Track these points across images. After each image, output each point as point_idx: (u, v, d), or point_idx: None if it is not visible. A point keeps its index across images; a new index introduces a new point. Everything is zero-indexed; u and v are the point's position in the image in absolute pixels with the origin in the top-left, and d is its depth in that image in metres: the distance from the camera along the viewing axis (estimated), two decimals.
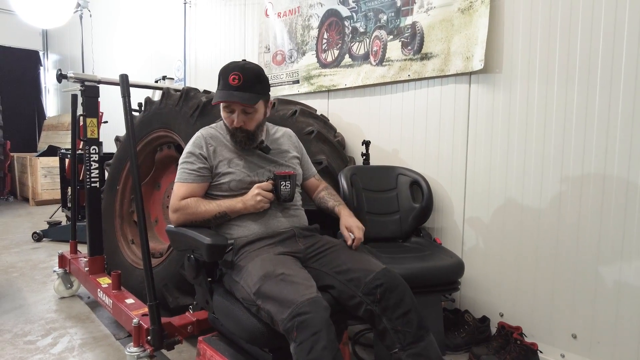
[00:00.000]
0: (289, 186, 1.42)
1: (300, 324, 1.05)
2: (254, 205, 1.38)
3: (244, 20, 3.38)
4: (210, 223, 1.42)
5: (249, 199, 1.38)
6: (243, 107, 1.40)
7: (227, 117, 1.45)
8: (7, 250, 3.59)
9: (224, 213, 1.39)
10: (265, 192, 1.38)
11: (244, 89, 1.37)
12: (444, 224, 2.20)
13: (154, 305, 1.58)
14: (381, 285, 1.22)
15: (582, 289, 1.75)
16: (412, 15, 2.23)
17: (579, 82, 1.72)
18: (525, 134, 1.89)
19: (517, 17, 1.88)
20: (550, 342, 1.85)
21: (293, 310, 1.07)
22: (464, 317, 2.00)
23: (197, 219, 1.39)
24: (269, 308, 1.14)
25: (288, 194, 1.43)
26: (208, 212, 1.39)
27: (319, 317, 1.06)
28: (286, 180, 1.42)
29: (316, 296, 1.12)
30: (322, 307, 1.09)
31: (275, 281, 1.19)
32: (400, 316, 1.20)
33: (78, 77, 2.10)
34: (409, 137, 2.32)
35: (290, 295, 1.12)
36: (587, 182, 1.72)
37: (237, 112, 1.41)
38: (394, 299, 1.21)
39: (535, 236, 1.88)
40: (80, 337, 2.04)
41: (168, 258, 2.05)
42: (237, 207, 1.39)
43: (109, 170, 2.58)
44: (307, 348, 1.03)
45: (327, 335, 1.05)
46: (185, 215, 1.40)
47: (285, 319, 1.08)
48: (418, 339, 1.19)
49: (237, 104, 1.39)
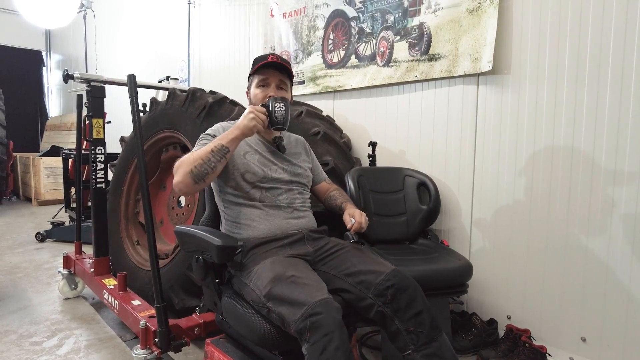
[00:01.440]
0: (284, 108, 1.36)
1: (312, 325, 1.04)
2: (246, 125, 1.32)
3: (249, 20, 3.38)
4: (211, 164, 1.29)
5: (241, 120, 1.33)
6: (279, 81, 1.47)
7: (260, 93, 1.47)
8: (11, 250, 3.58)
9: (220, 145, 1.30)
10: (258, 113, 1.33)
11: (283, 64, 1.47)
12: (451, 226, 2.19)
13: (161, 307, 1.57)
14: (392, 286, 1.21)
15: (592, 292, 1.74)
16: (419, 16, 2.22)
17: (589, 83, 1.71)
18: (534, 135, 1.88)
19: (527, 18, 1.87)
20: (559, 346, 1.84)
21: (305, 311, 1.06)
22: (471, 320, 1.99)
23: (195, 163, 1.28)
24: (280, 310, 1.14)
25: (282, 116, 1.35)
26: (203, 150, 1.30)
27: (331, 318, 1.05)
28: (280, 102, 1.36)
29: (328, 297, 1.11)
30: (334, 308, 1.09)
31: (286, 283, 1.18)
32: (413, 317, 1.19)
33: (84, 77, 2.09)
34: (415, 138, 2.31)
35: (302, 297, 1.11)
36: (596, 183, 1.71)
37: (272, 85, 1.46)
38: (406, 299, 1.20)
39: (544, 238, 1.86)
40: (85, 339, 2.04)
41: (174, 259, 2.04)
42: (230, 134, 1.32)
43: (114, 170, 2.57)
44: (320, 348, 1.02)
45: (339, 335, 1.04)
46: (184, 167, 1.29)
47: (297, 320, 1.07)
48: (431, 339, 1.18)
49: (276, 74, 1.45)
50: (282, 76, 1.48)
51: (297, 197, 1.49)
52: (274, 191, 1.44)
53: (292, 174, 1.50)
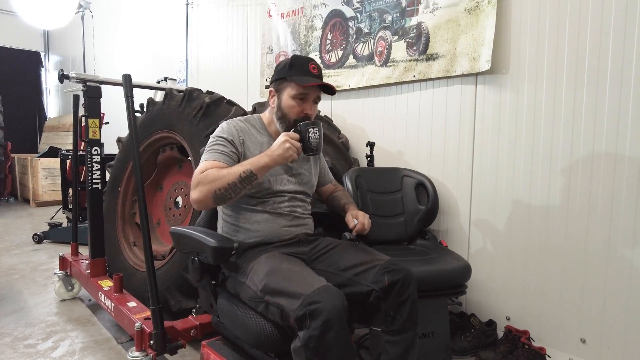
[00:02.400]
0: (317, 133, 1.29)
1: (312, 312, 1.03)
2: (282, 155, 1.25)
3: (247, 21, 3.37)
4: (237, 190, 1.24)
5: (275, 149, 1.25)
6: (317, 96, 1.39)
7: (297, 105, 1.35)
8: (7, 252, 3.56)
9: (249, 171, 1.24)
10: (293, 141, 1.26)
11: (321, 78, 1.40)
12: (449, 226, 2.17)
13: (156, 309, 1.55)
14: (389, 272, 1.22)
15: (592, 293, 1.73)
16: (417, 16, 2.21)
17: (588, 83, 1.70)
18: (532, 135, 1.86)
19: (525, 17, 1.86)
20: (558, 347, 1.82)
21: (304, 300, 1.05)
22: (470, 321, 1.98)
23: (220, 186, 1.23)
24: (278, 302, 1.12)
25: (317, 142, 1.29)
26: (231, 174, 1.23)
27: (330, 305, 1.03)
28: (314, 128, 1.29)
29: (327, 284, 1.10)
30: (333, 295, 1.07)
31: (282, 275, 1.17)
32: (398, 303, 1.21)
33: (80, 77, 2.08)
34: (414, 138, 2.29)
35: (300, 287, 1.10)
36: (596, 183, 1.70)
37: (311, 100, 1.37)
38: (398, 286, 1.21)
39: (543, 239, 1.85)
40: (81, 341, 2.02)
41: (171, 260, 2.02)
42: (262, 161, 1.25)
43: (111, 171, 2.55)
44: (317, 335, 1.01)
45: (339, 323, 1.02)
46: (207, 185, 1.23)
47: (296, 308, 1.05)
48: (403, 330, 1.21)
49: (315, 92, 1.37)
50: (319, 91, 1.40)
51: (299, 205, 1.46)
52: (277, 199, 1.42)
53: (299, 184, 1.46)
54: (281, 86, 1.39)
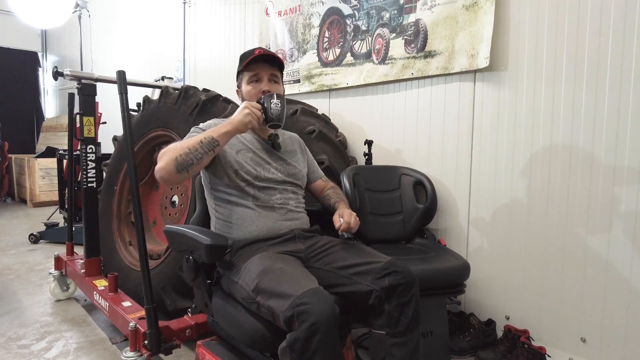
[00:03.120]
0: (279, 105, 1.31)
1: (300, 314, 1.00)
2: (241, 120, 1.27)
3: (244, 19, 3.35)
4: (197, 154, 1.23)
5: (235, 115, 1.28)
6: (271, 75, 1.43)
7: (253, 89, 1.42)
8: (3, 252, 3.53)
9: (210, 137, 1.25)
10: (254, 109, 1.29)
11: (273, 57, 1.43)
12: (448, 225, 2.15)
13: (151, 309, 1.53)
14: (390, 273, 1.19)
15: (592, 291, 1.71)
16: (415, 13, 2.19)
17: (587, 79, 1.68)
18: (532, 132, 1.85)
19: (524, 13, 1.84)
20: (558, 346, 1.80)
21: (293, 301, 1.03)
22: (469, 320, 1.96)
23: (181, 152, 1.22)
24: (269, 303, 1.10)
25: (278, 113, 1.31)
26: (192, 139, 1.25)
27: (319, 309, 1.00)
28: (275, 98, 1.31)
29: (317, 287, 1.08)
30: (322, 298, 1.04)
31: (274, 275, 1.15)
32: (401, 304, 1.18)
33: (74, 74, 2.05)
34: (412, 136, 2.28)
35: (290, 288, 1.07)
36: (596, 181, 1.68)
37: (265, 79, 1.42)
38: (401, 287, 1.19)
39: (543, 237, 1.83)
40: (75, 341, 1.99)
41: (166, 260, 2.00)
42: (223, 128, 1.27)
43: (107, 170, 2.53)
44: (302, 338, 0.98)
45: (326, 327, 0.99)
46: (169, 155, 1.23)
47: (285, 310, 1.03)
48: (408, 331, 1.18)
49: (266, 68, 1.41)
50: (273, 69, 1.44)
51: (291, 198, 1.45)
52: (268, 191, 1.40)
53: (287, 173, 1.46)
54: (239, 82, 1.49)
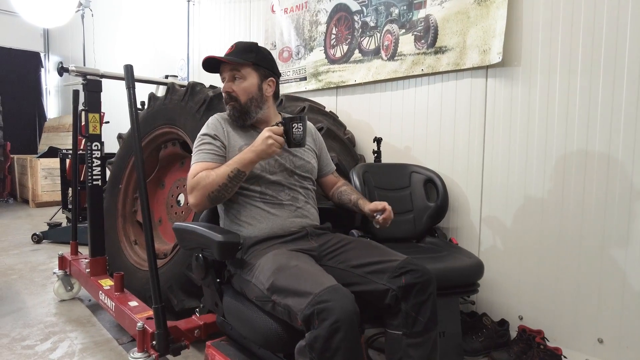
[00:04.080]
0: (302, 128, 1.28)
1: (320, 312, 0.97)
2: (265, 150, 1.25)
3: (249, 17, 3.32)
4: (228, 189, 1.27)
5: (258, 144, 1.25)
6: (231, 72, 1.39)
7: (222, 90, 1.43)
8: (6, 252, 3.50)
9: (236, 170, 1.26)
10: (277, 136, 1.26)
11: (234, 55, 1.39)
12: (459, 224, 2.12)
13: (159, 308, 1.49)
14: (407, 272, 1.17)
15: (609, 290, 1.67)
16: (425, 8, 2.16)
17: (604, 74, 1.65)
18: (545, 129, 1.81)
19: (538, 7, 1.81)
20: (574, 347, 1.76)
21: (312, 299, 0.99)
22: (481, 321, 1.92)
23: (213, 189, 1.26)
24: (285, 302, 1.07)
25: (300, 137, 1.29)
26: (220, 175, 1.26)
27: (340, 305, 0.98)
28: (298, 122, 1.28)
29: (336, 284, 1.05)
30: (343, 295, 1.01)
31: (290, 273, 1.12)
32: (418, 303, 1.16)
33: (80, 70, 2.03)
34: (422, 133, 2.24)
35: (308, 285, 1.04)
36: (613, 178, 1.64)
37: (227, 79, 1.40)
38: (418, 286, 1.16)
39: (557, 235, 1.80)
40: (80, 342, 1.96)
41: (173, 259, 1.97)
42: (247, 157, 1.26)
43: (111, 168, 2.50)
44: (323, 337, 0.95)
45: (348, 325, 0.96)
46: (201, 190, 1.27)
47: (303, 308, 1.00)
48: (426, 331, 1.16)
49: (226, 67, 1.39)
50: (232, 65, 1.38)
51: (300, 193, 1.41)
52: (275, 187, 1.37)
53: (293, 165, 1.42)
54: None
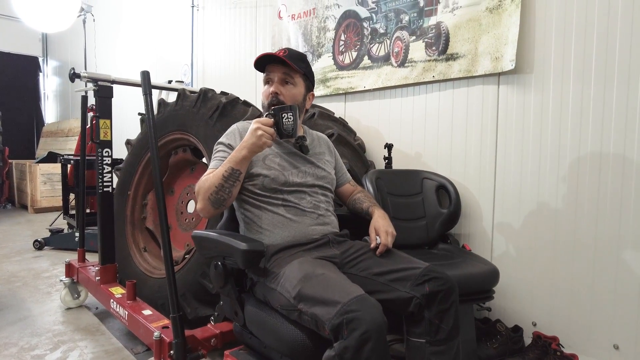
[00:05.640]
0: (292, 118, 1.26)
1: (349, 322, 0.97)
2: (255, 143, 1.22)
3: (255, 23, 3.32)
4: (225, 190, 1.26)
5: (248, 137, 1.24)
6: (284, 75, 1.38)
7: (265, 90, 1.41)
8: (7, 259, 3.46)
9: (230, 168, 1.25)
10: (265, 127, 1.23)
11: (288, 58, 1.37)
12: (471, 230, 2.12)
13: (177, 317, 1.48)
14: (430, 280, 1.17)
15: (624, 296, 1.67)
16: (436, 16, 2.17)
17: (618, 81, 1.66)
18: (559, 136, 1.82)
19: (550, 14, 1.82)
20: (589, 354, 1.76)
21: (341, 308, 0.99)
22: (495, 327, 1.91)
23: (211, 191, 1.25)
24: (312, 311, 1.06)
25: (291, 127, 1.27)
26: (216, 176, 1.25)
27: (369, 316, 0.98)
28: (287, 112, 1.26)
29: (364, 294, 1.04)
30: (372, 305, 1.01)
31: (316, 281, 1.11)
32: (441, 311, 1.16)
33: (92, 76, 2.02)
34: (433, 140, 2.25)
35: (336, 294, 1.04)
36: (628, 185, 1.65)
37: (276, 80, 1.38)
38: (442, 294, 1.16)
39: (571, 241, 1.80)
40: (91, 351, 1.93)
41: (185, 266, 1.95)
42: (239, 154, 1.25)
43: (120, 175, 2.48)
44: (353, 348, 0.95)
45: (377, 335, 0.96)
46: (202, 194, 1.27)
47: (332, 317, 0.99)
48: (449, 339, 1.16)
49: (279, 68, 1.38)
50: (286, 69, 1.38)
51: (322, 201, 1.42)
52: (297, 195, 1.37)
53: (316, 177, 1.42)
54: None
